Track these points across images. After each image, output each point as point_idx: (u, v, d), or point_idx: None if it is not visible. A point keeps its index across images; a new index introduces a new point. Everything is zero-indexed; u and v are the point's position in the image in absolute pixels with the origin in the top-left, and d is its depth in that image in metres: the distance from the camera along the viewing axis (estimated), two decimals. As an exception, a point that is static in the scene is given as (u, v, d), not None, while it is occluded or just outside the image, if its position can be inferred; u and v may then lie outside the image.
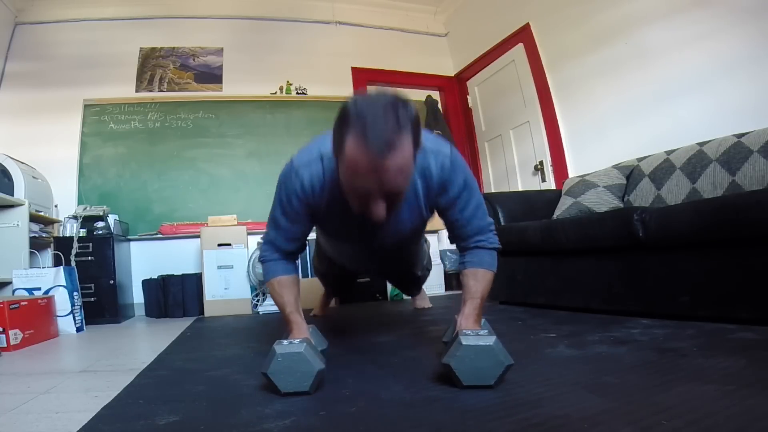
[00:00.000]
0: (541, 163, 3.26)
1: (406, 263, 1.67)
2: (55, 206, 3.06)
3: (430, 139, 1.11)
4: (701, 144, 1.97)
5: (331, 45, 3.90)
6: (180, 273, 3.12)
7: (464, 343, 0.92)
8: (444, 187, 1.11)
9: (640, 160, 2.29)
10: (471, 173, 1.16)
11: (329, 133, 0.98)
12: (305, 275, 3.12)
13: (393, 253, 1.40)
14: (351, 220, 1.09)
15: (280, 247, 1.23)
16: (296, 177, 1.11)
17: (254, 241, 3.10)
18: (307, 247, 3.21)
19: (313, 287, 2.61)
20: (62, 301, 2.29)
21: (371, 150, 0.83)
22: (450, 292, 3.34)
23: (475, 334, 0.95)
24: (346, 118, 0.87)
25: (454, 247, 1.27)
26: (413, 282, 2.15)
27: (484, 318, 1.23)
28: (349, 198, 0.97)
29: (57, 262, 2.63)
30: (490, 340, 0.93)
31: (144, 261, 3.24)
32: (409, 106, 0.89)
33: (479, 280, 1.15)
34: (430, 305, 2.45)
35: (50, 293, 2.27)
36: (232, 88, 3.61)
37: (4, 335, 1.77)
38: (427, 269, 2.17)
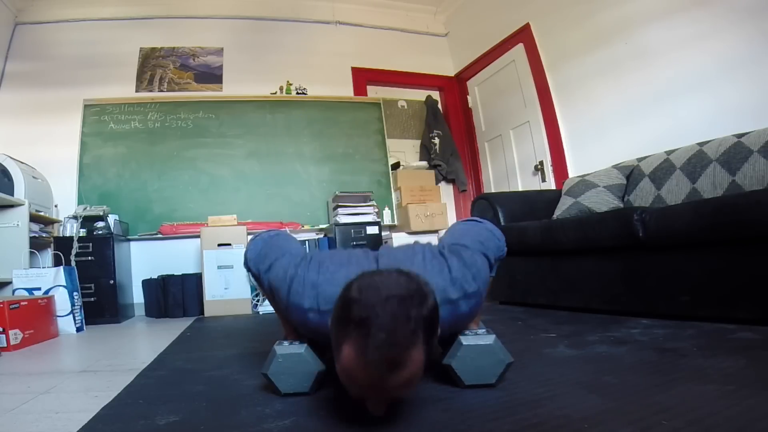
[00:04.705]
0: (541, 163, 3.26)
1: None
2: (55, 206, 3.06)
3: (434, 272, 0.91)
4: (701, 144, 1.97)
5: (331, 45, 3.90)
6: (180, 273, 3.12)
7: (464, 343, 0.93)
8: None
9: (640, 160, 2.29)
10: (481, 264, 0.97)
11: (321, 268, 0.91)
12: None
13: None
14: None
15: None
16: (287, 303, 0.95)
17: (254, 241, 3.10)
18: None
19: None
20: (62, 301, 2.29)
21: (372, 367, 0.68)
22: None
23: (473, 334, 0.96)
24: (347, 314, 0.71)
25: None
26: None
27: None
28: (348, 389, 0.78)
29: (57, 262, 2.63)
30: (490, 339, 0.93)
31: (144, 261, 3.24)
32: (426, 298, 0.73)
33: None
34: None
35: (50, 293, 2.27)
36: (232, 88, 3.61)
37: (4, 335, 1.77)
38: None
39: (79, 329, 2.35)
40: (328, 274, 0.91)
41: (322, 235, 3.46)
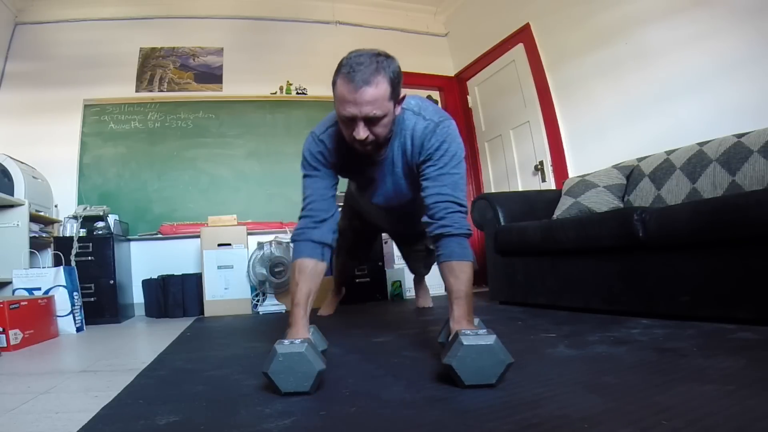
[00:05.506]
0: (541, 163, 3.26)
1: (414, 220, 1.70)
2: (55, 206, 3.06)
3: (430, 109, 1.30)
4: (701, 144, 1.97)
5: (331, 45, 3.88)
6: (180, 273, 3.12)
7: (465, 343, 0.92)
8: (422, 146, 1.26)
9: (640, 160, 2.29)
10: (457, 145, 1.26)
11: None
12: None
13: (402, 207, 1.55)
14: (362, 170, 1.39)
15: (315, 209, 1.28)
16: (318, 141, 1.31)
17: (254, 241, 3.10)
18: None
19: (321, 287, 2.61)
20: (62, 301, 2.29)
21: (351, 85, 1.10)
22: (450, 292, 3.33)
23: (474, 334, 0.96)
24: (339, 66, 1.14)
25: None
26: (426, 254, 2.25)
27: (478, 318, 1.22)
28: (342, 129, 1.20)
29: (57, 262, 2.63)
30: (491, 339, 0.93)
31: (144, 261, 3.24)
32: (391, 60, 1.16)
33: (457, 275, 1.16)
34: (431, 305, 2.45)
35: (50, 293, 2.27)
36: (232, 88, 3.61)
37: (4, 335, 1.77)
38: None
39: (79, 329, 2.35)
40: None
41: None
